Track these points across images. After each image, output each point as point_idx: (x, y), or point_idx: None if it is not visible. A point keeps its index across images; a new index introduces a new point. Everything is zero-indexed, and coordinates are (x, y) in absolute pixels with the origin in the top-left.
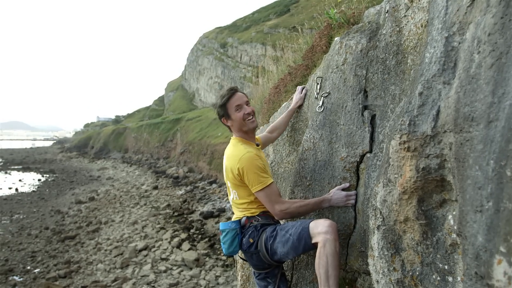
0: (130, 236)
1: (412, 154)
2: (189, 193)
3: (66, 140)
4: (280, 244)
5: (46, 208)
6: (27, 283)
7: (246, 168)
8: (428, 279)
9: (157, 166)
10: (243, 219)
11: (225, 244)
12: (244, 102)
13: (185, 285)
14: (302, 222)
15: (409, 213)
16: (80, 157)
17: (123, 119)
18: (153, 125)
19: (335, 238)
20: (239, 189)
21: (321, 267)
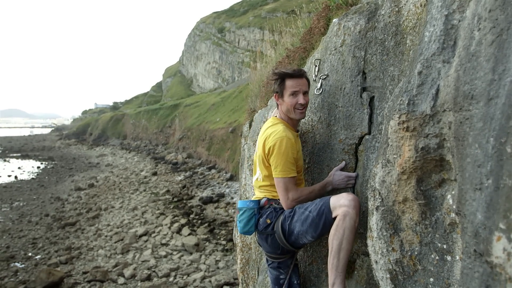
0: (130, 222)
1: (411, 134)
2: (188, 179)
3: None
4: (299, 223)
5: (46, 195)
6: (28, 270)
7: (277, 150)
8: (427, 259)
9: (156, 152)
10: (263, 200)
11: (240, 223)
12: (302, 91)
13: (186, 269)
14: (322, 199)
15: (408, 193)
16: (79, 144)
17: (121, 106)
18: (151, 111)
19: (357, 213)
20: (265, 170)
21: (335, 239)
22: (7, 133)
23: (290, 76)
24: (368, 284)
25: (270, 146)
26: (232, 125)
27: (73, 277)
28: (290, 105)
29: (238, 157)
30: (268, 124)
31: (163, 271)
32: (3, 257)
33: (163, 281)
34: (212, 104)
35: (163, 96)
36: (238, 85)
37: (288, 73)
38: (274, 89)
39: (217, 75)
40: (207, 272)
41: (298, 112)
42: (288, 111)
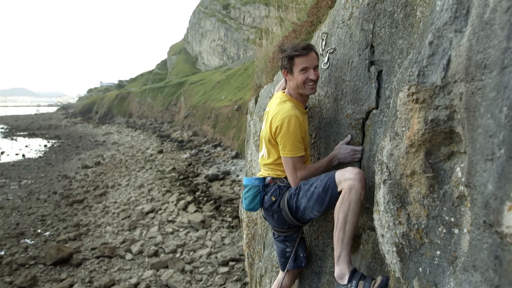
0: (137, 200)
1: (421, 106)
2: (194, 157)
3: (70, 106)
4: (305, 199)
5: (53, 173)
6: (38, 246)
7: (285, 130)
8: (434, 232)
9: (161, 130)
10: (268, 179)
11: (246, 200)
12: (312, 66)
13: (192, 246)
14: (327, 174)
15: (416, 166)
16: (85, 123)
17: (126, 84)
18: (156, 89)
19: (362, 186)
20: (271, 148)
21: (341, 211)
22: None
23: (299, 55)
24: (373, 258)
25: (277, 125)
26: (238, 103)
27: (82, 253)
28: (300, 81)
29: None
30: (276, 101)
31: (169, 248)
32: (13, 234)
33: (170, 257)
34: (217, 81)
35: (168, 74)
36: (243, 63)
37: (296, 52)
38: (283, 65)
39: (222, 52)
40: (213, 248)
41: (309, 88)
42: (298, 87)
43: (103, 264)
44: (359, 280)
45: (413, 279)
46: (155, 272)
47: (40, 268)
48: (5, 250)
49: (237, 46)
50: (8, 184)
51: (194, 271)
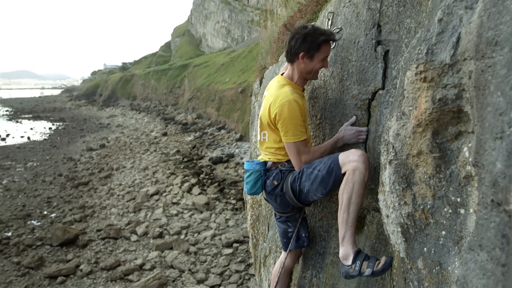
0: (142, 182)
1: (429, 85)
2: (198, 139)
3: (74, 89)
4: (308, 182)
5: (58, 156)
6: (44, 227)
7: (284, 115)
8: (440, 212)
9: (165, 113)
10: (269, 163)
11: (248, 184)
12: (329, 55)
13: (196, 227)
14: (330, 156)
15: (423, 146)
16: (89, 105)
17: (130, 66)
18: (160, 72)
19: (366, 167)
20: (271, 132)
21: (345, 193)
22: (18, 94)
23: (326, 44)
24: (377, 239)
25: (276, 112)
26: (242, 86)
27: (88, 235)
28: (316, 68)
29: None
30: (275, 85)
31: (174, 229)
32: (20, 215)
33: (174, 238)
34: (221, 64)
35: (172, 56)
36: (247, 45)
37: (325, 40)
38: (304, 47)
39: (226, 34)
40: (217, 230)
41: (315, 77)
42: (309, 73)
43: (108, 245)
44: (363, 261)
45: (417, 259)
46: (160, 253)
47: (47, 249)
48: (12, 231)
49: (241, 28)
50: (14, 166)
51: (199, 253)
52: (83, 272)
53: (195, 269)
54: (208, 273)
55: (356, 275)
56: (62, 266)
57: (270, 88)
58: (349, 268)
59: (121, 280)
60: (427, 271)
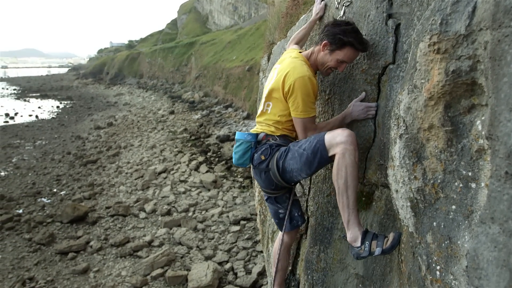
0: (149, 160)
1: (442, 57)
2: (205, 117)
3: (81, 67)
4: (293, 161)
5: (66, 134)
6: (54, 204)
7: (298, 90)
8: (450, 187)
9: (172, 91)
10: (261, 135)
11: (236, 154)
12: (349, 62)
13: (204, 205)
14: (316, 136)
15: (435, 120)
16: (96, 84)
17: (136, 44)
18: (167, 50)
19: (355, 148)
20: (276, 103)
21: (339, 178)
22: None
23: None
24: (386, 214)
25: (291, 84)
26: (249, 63)
27: (97, 212)
28: (330, 66)
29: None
30: (290, 58)
31: (182, 207)
32: (30, 193)
33: (182, 215)
34: (228, 41)
35: (179, 34)
36: (254, 22)
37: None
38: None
39: (233, 11)
40: (225, 208)
41: (326, 73)
42: (322, 65)
43: (117, 222)
44: (372, 240)
45: (426, 233)
46: (168, 230)
47: (57, 226)
48: (23, 208)
49: (249, 5)
50: (23, 144)
51: (206, 230)
52: (93, 248)
53: (203, 246)
54: (216, 250)
55: (367, 256)
56: (72, 242)
57: (285, 60)
58: (359, 249)
59: (130, 256)
60: (436, 245)
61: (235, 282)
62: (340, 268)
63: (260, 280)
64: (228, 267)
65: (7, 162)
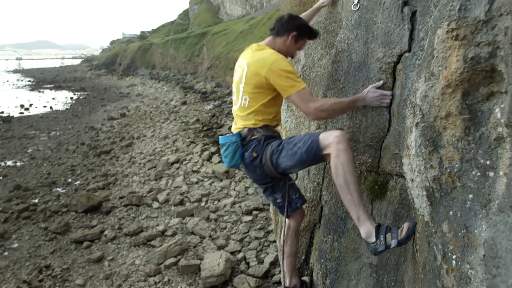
0: (162, 150)
1: (461, 43)
2: (217, 108)
3: (94, 58)
4: (286, 158)
5: (80, 125)
6: (69, 194)
7: (279, 70)
8: (467, 175)
9: (184, 82)
10: (244, 131)
11: (226, 158)
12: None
13: (216, 195)
14: (311, 135)
15: (452, 108)
16: (109, 75)
17: (148, 35)
18: (179, 40)
19: (347, 147)
20: (253, 95)
21: (339, 177)
22: (39, 64)
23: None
24: (400, 204)
25: (268, 69)
26: None
27: (111, 202)
28: (292, 53)
29: None
30: (253, 51)
31: (195, 197)
32: (46, 183)
33: (195, 205)
34: (240, 32)
35: (190, 24)
36: (266, 12)
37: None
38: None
39: (245, 1)
40: (237, 198)
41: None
42: (286, 53)
43: (131, 212)
44: (386, 233)
45: (442, 222)
46: (181, 220)
47: (72, 215)
48: (39, 198)
49: None
50: (38, 135)
51: (219, 220)
52: (107, 237)
53: (216, 236)
54: (228, 240)
55: (384, 249)
56: (87, 231)
57: (248, 54)
58: (375, 245)
59: (144, 245)
60: (452, 235)
61: (248, 272)
62: (353, 258)
63: (272, 269)
64: (240, 257)
65: (22, 152)
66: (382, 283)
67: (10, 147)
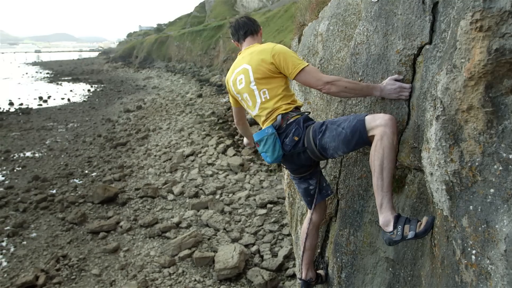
0: (177, 143)
1: (485, 35)
2: None
3: (111, 51)
4: (330, 139)
5: (97, 117)
6: (86, 185)
7: (283, 53)
8: (489, 170)
9: (200, 75)
10: (278, 119)
11: (268, 152)
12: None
13: (231, 188)
14: (356, 116)
15: (474, 100)
16: (125, 67)
17: (165, 28)
18: (195, 33)
19: (394, 131)
20: (270, 85)
21: (376, 159)
22: (57, 57)
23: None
24: (418, 198)
25: (273, 55)
26: None
27: (127, 193)
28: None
29: None
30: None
31: (209, 189)
32: (63, 174)
33: (209, 198)
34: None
35: (207, 17)
36: (283, 4)
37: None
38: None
39: None
40: (252, 191)
41: None
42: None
43: (146, 204)
44: (405, 224)
45: (462, 217)
46: (195, 212)
47: (89, 206)
48: (56, 189)
49: None
50: (56, 127)
51: (233, 212)
52: (123, 228)
53: (230, 228)
54: (243, 233)
55: (400, 240)
56: (103, 222)
57: (243, 59)
58: (391, 234)
59: (158, 237)
60: (472, 229)
61: (261, 265)
62: (370, 252)
63: (286, 263)
64: (254, 250)
65: (41, 144)
66: (399, 277)
67: (29, 138)
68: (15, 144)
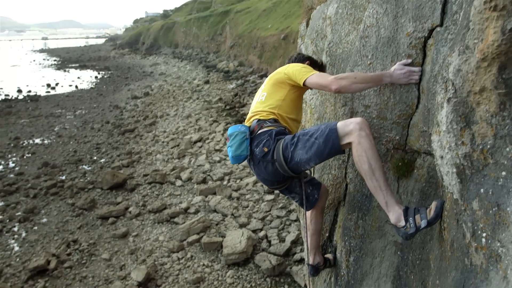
0: (185, 129)
1: (499, 14)
2: (240, 87)
3: (117, 37)
4: (303, 151)
5: (105, 104)
6: (95, 172)
7: (296, 66)
8: (501, 152)
9: (207, 61)
10: (253, 123)
11: (232, 147)
12: None
13: (238, 174)
14: (327, 124)
15: (487, 82)
16: (132, 54)
17: (171, 14)
18: (201, 19)
19: (368, 133)
20: (271, 90)
21: (362, 164)
22: (64, 44)
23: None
24: (427, 182)
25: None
26: (284, 32)
27: (135, 179)
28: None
29: None
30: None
31: (217, 175)
32: (72, 160)
33: (217, 184)
34: (263, 10)
35: (213, 2)
36: None
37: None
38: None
39: None
40: None
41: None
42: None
43: (155, 190)
44: (415, 215)
45: (473, 200)
46: (203, 198)
47: (98, 192)
48: (66, 175)
49: None
50: (64, 114)
51: (241, 198)
52: (132, 214)
53: (238, 214)
54: (250, 218)
55: (415, 232)
56: (112, 208)
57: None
58: (405, 228)
59: (167, 222)
60: (482, 212)
61: (269, 250)
62: (378, 235)
63: (294, 248)
64: (262, 235)
65: (50, 130)
66: (407, 261)
67: (37, 125)
68: (24, 131)
